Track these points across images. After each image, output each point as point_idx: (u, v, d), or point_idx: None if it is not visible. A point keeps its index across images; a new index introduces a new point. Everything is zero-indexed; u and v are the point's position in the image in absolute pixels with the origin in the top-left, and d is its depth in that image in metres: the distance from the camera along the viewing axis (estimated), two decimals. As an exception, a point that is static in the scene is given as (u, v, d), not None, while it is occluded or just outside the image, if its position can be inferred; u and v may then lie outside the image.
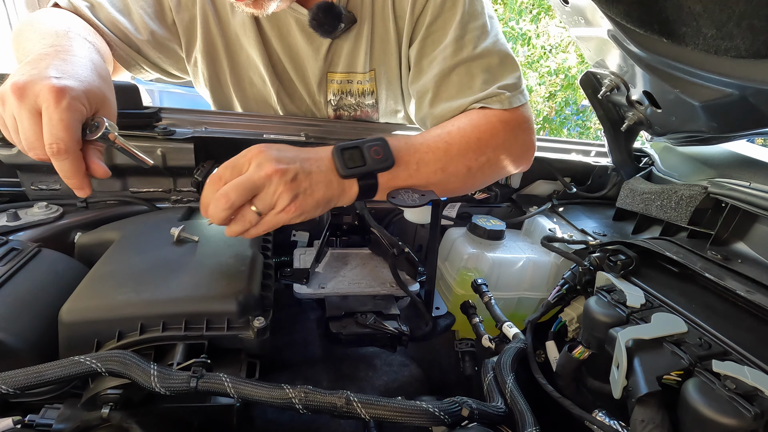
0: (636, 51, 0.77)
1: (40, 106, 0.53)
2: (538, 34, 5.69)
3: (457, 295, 0.89)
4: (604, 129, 1.07)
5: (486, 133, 0.79)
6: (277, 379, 0.63)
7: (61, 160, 0.54)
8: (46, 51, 0.61)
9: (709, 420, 0.47)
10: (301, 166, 0.62)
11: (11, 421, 0.47)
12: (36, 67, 0.56)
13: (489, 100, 0.82)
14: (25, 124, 0.53)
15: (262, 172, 0.59)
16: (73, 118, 0.54)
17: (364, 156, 0.68)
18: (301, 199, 0.62)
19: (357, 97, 1.07)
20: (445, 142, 0.76)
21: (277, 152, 0.61)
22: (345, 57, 1.01)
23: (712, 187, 0.80)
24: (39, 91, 0.53)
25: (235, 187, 0.57)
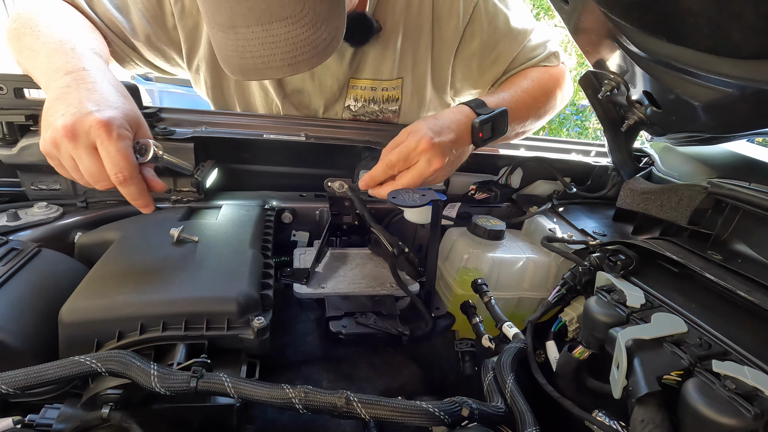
0: (636, 51, 0.77)
1: (94, 142, 0.57)
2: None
3: (457, 295, 0.89)
4: (604, 129, 1.07)
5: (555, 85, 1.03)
6: (277, 379, 0.63)
7: (127, 186, 0.59)
8: (66, 83, 0.63)
9: (709, 420, 0.47)
10: (456, 152, 0.78)
11: (11, 421, 0.47)
12: (70, 104, 0.59)
13: (547, 60, 1.05)
14: (86, 161, 0.58)
15: (432, 167, 0.73)
16: (126, 145, 0.59)
17: (494, 128, 0.82)
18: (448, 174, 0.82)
19: (381, 103, 1.09)
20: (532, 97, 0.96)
21: (440, 139, 0.74)
22: (371, 63, 1.02)
23: (712, 187, 0.80)
24: (89, 128, 0.56)
25: (412, 182, 0.74)
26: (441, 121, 0.78)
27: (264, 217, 0.85)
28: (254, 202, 0.90)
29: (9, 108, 0.78)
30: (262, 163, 0.98)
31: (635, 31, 0.74)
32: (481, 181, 1.07)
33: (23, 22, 0.76)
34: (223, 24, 0.66)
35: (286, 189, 0.99)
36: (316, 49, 0.69)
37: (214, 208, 0.86)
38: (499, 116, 0.82)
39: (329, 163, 1.01)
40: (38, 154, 0.79)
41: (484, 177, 1.08)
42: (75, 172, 0.60)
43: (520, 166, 1.09)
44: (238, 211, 0.84)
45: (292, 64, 0.68)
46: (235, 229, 0.76)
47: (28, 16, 0.77)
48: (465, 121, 0.80)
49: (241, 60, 0.68)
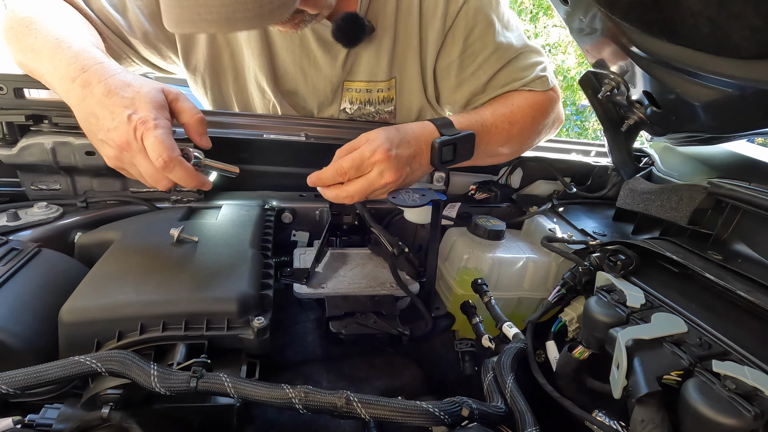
0: (636, 51, 0.77)
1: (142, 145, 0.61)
2: (537, 33, 5.69)
3: (457, 295, 0.89)
4: (604, 129, 1.07)
5: (538, 112, 0.95)
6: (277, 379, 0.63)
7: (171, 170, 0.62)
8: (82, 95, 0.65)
9: (709, 420, 0.47)
10: (410, 168, 0.74)
11: (11, 421, 0.47)
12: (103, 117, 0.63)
13: (533, 84, 0.96)
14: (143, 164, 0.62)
15: (383, 180, 0.71)
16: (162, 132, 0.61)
17: (456, 151, 0.79)
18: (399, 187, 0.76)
19: (377, 105, 1.08)
20: (509, 122, 0.90)
21: (397, 152, 0.71)
22: (365, 65, 1.02)
23: (712, 187, 0.80)
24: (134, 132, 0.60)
25: (360, 192, 0.71)
26: (402, 133, 0.75)
27: (264, 217, 0.85)
28: (254, 202, 0.90)
29: (9, 108, 0.78)
30: (262, 163, 0.98)
31: (635, 31, 0.74)
32: (481, 181, 1.07)
33: (19, 20, 0.75)
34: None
35: (286, 189, 0.99)
36: (261, 9, 0.65)
37: (214, 208, 0.86)
38: (463, 140, 0.79)
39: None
40: (38, 154, 0.79)
41: (484, 177, 1.08)
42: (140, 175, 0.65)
43: (520, 166, 1.09)
44: (238, 211, 0.84)
45: (229, 19, 0.65)
46: (235, 229, 0.76)
47: (23, 14, 0.75)
48: (427, 138, 0.77)
49: (180, 9, 0.65)
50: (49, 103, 0.80)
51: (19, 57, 0.75)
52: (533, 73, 0.96)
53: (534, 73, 0.96)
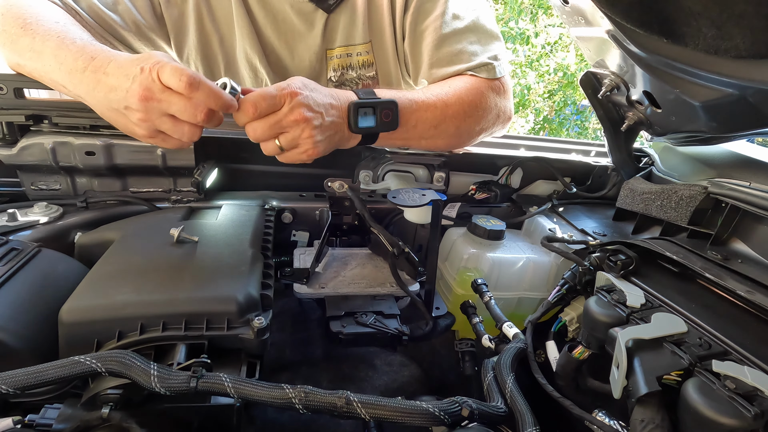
0: (636, 51, 0.77)
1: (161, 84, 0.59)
2: (537, 33, 5.69)
3: (457, 295, 0.89)
4: (604, 129, 1.07)
5: (477, 97, 0.90)
6: (277, 379, 0.63)
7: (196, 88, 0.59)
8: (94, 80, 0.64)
9: (709, 420, 0.47)
10: (325, 114, 0.70)
11: (11, 421, 0.47)
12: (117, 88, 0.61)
13: (478, 70, 0.93)
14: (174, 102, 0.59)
15: (292, 117, 0.66)
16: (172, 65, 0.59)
17: (376, 116, 0.76)
18: (320, 144, 0.70)
19: (358, 69, 1.09)
20: (443, 101, 0.86)
21: (310, 94, 0.68)
22: (342, 31, 1.03)
23: (712, 187, 0.80)
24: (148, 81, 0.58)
25: (266, 128, 0.66)
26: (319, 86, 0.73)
27: (264, 217, 0.85)
28: (254, 202, 0.90)
29: (9, 108, 0.78)
30: (262, 163, 0.98)
31: (635, 31, 0.74)
32: (481, 181, 1.07)
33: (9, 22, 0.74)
34: None
35: (286, 189, 0.99)
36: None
37: (214, 208, 0.86)
38: (382, 105, 0.75)
39: (329, 163, 1.01)
40: (38, 154, 0.79)
41: (484, 177, 1.08)
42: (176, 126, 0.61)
43: (520, 166, 1.09)
44: (238, 211, 0.84)
45: None
46: (235, 229, 0.76)
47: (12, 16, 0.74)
48: (345, 99, 0.74)
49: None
50: (49, 103, 0.80)
51: (15, 59, 0.74)
52: (480, 58, 0.93)
53: (481, 59, 0.93)
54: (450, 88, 0.88)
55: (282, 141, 0.68)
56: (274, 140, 0.68)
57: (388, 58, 1.07)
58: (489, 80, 0.93)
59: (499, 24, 5.50)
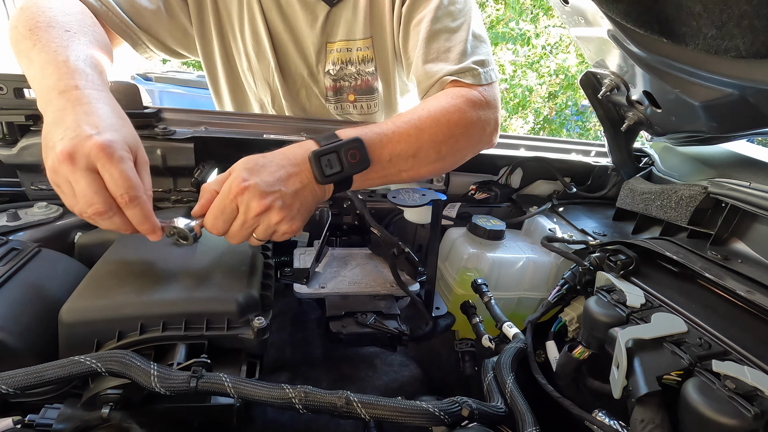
0: (636, 51, 0.77)
1: (93, 165, 0.55)
2: (538, 34, 5.69)
3: (457, 295, 0.89)
4: (604, 129, 1.07)
5: (455, 115, 0.81)
6: (277, 379, 0.63)
7: (132, 207, 0.56)
8: (61, 105, 0.59)
9: (709, 420, 0.47)
10: (285, 190, 0.64)
11: (11, 421, 0.47)
12: (67, 128, 0.56)
13: (463, 75, 0.86)
14: (82, 183, 0.55)
15: (252, 213, 0.62)
16: (128, 167, 0.56)
17: (341, 160, 0.68)
18: (298, 217, 0.66)
19: (357, 65, 1.09)
20: (416, 127, 0.77)
21: (257, 180, 0.62)
22: (343, 25, 1.03)
23: (712, 187, 0.80)
24: (89, 151, 0.54)
25: (238, 234, 0.63)
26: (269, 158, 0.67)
27: (264, 217, 0.85)
28: (254, 202, 0.90)
29: (9, 108, 0.78)
30: (262, 163, 0.98)
31: (635, 31, 0.74)
32: (481, 181, 1.07)
33: (23, 21, 0.73)
34: None
35: (286, 189, 0.99)
36: None
37: (214, 208, 0.86)
38: (346, 146, 0.69)
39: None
40: (38, 154, 0.78)
41: (484, 177, 1.08)
42: (72, 198, 0.57)
43: (520, 166, 1.09)
44: (238, 211, 0.84)
45: None
46: (235, 229, 0.75)
47: (28, 14, 0.74)
48: (302, 154, 0.68)
49: None
50: (49, 103, 0.80)
51: (18, 60, 0.74)
52: (466, 62, 0.88)
53: (467, 63, 0.87)
54: (423, 111, 0.80)
55: (258, 235, 0.64)
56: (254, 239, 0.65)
57: (387, 54, 1.08)
58: (469, 93, 0.85)
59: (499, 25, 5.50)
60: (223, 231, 0.63)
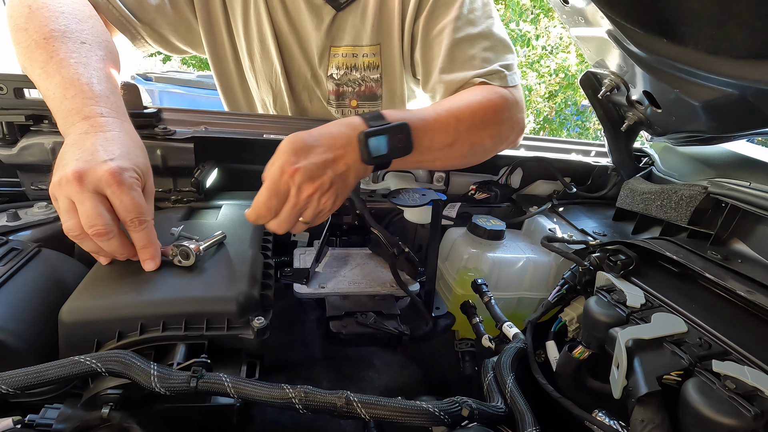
0: (636, 51, 0.77)
1: (102, 190, 0.57)
2: (538, 35, 5.69)
3: (457, 295, 0.89)
4: (604, 129, 1.07)
5: (490, 110, 0.85)
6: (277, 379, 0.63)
7: (141, 230, 0.59)
8: (84, 129, 0.62)
9: (709, 420, 0.47)
10: (333, 173, 0.66)
11: (11, 421, 0.47)
12: (84, 150, 0.59)
13: (491, 77, 0.89)
14: (87, 205, 0.56)
15: (304, 195, 0.64)
16: (137, 194, 0.59)
17: (388, 143, 0.70)
18: (341, 197, 0.69)
19: (362, 71, 1.08)
20: (455, 118, 0.80)
21: (306, 163, 0.64)
22: (350, 30, 1.03)
23: (712, 187, 0.80)
24: (101, 176, 0.56)
25: (287, 218, 0.65)
26: (315, 137, 0.67)
27: (264, 217, 0.85)
28: (254, 202, 0.90)
29: (9, 108, 0.78)
30: (262, 163, 0.96)
31: (635, 31, 0.74)
32: (481, 181, 1.07)
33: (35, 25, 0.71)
34: None
35: (286, 189, 0.99)
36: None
37: (214, 208, 0.86)
38: (394, 130, 0.70)
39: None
40: (38, 154, 0.79)
41: (484, 177, 1.08)
42: (67, 213, 0.57)
43: (520, 166, 1.09)
44: (238, 211, 0.84)
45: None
46: (235, 229, 0.76)
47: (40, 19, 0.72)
48: (348, 134, 0.68)
49: None
50: (49, 103, 0.80)
51: (25, 63, 0.72)
52: (492, 66, 0.90)
53: (493, 66, 0.90)
54: (461, 102, 0.83)
55: (305, 217, 0.67)
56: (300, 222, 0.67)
57: (394, 61, 1.07)
58: (501, 91, 0.88)
59: (499, 25, 5.49)
60: (275, 213, 0.65)
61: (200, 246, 0.64)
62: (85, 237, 0.58)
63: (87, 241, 0.58)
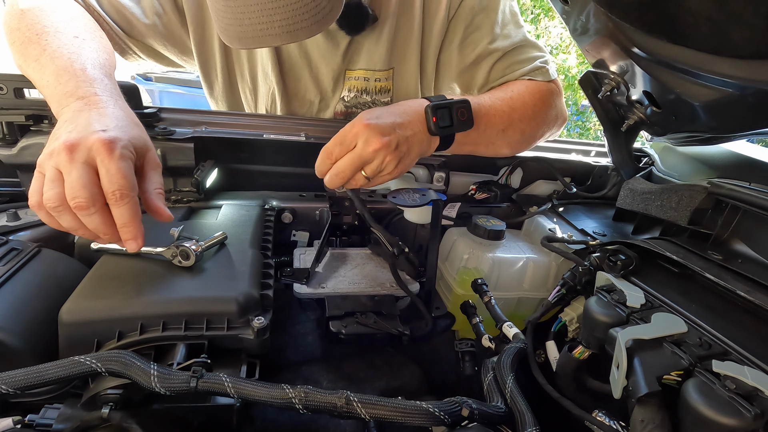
0: (636, 51, 0.77)
1: (93, 159, 0.55)
2: (538, 35, 5.69)
3: (457, 295, 0.89)
4: (604, 129, 1.07)
5: (540, 100, 0.93)
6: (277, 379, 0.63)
7: (121, 205, 0.55)
8: (78, 107, 0.61)
9: (709, 420, 0.47)
10: (401, 134, 0.72)
11: (11, 421, 0.47)
12: (78, 124, 0.57)
13: (534, 74, 0.96)
14: (74, 174, 0.53)
15: (370, 148, 0.68)
16: (127, 166, 0.56)
17: (452, 116, 0.77)
18: (403, 161, 0.73)
19: (374, 95, 1.09)
20: (509, 106, 0.88)
21: (377, 121, 0.70)
22: (365, 54, 1.03)
23: (712, 187, 0.80)
24: (91, 144, 0.55)
25: (349, 165, 0.69)
26: (387, 108, 0.75)
27: (264, 217, 0.85)
28: (254, 202, 0.90)
29: (9, 108, 0.78)
30: (262, 163, 0.98)
31: (635, 31, 0.74)
32: (481, 181, 1.07)
33: (27, 24, 0.73)
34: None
35: (286, 189, 0.99)
36: (315, 17, 0.69)
37: (214, 208, 0.86)
38: (457, 104, 0.78)
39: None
40: (38, 154, 0.78)
41: (484, 177, 1.08)
42: (51, 182, 0.54)
43: (520, 166, 1.09)
44: (238, 211, 0.84)
45: (291, 31, 0.69)
46: (235, 229, 0.76)
47: (32, 18, 0.73)
48: (417, 107, 0.76)
49: (240, 27, 0.69)
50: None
51: (21, 62, 0.73)
52: (532, 64, 0.96)
53: (533, 64, 0.96)
54: (513, 92, 0.90)
55: (367, 172, 0.71)
56: (359, 173, 0.71)
57: (407, 86, 1.08)
58: (545, 83, 0.95)
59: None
60: (335, 159, 0.70)
61: (200, 246, 0.64)
62: (65, 210, 0.54)
63: (66, 214, 0.54)
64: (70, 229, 0.56)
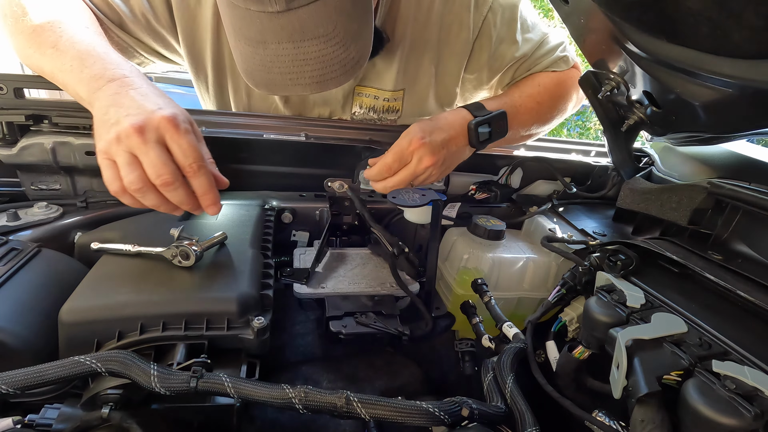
0: (636, 51, 0.77)
1: (162, 137, 0.58)
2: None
3: (457, 295, 0.89)
4: (604, 129, 1.07)
5: (563, 91, 1.02)
6: (277, 379, 0.63)
7: (200, 176, 0.59)
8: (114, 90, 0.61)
9: (709, 420, 0.47)
10: (448, 150, 0.81)
11: (11, 421, 0.47)
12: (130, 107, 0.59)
13: (556, 65, 1.03)
14: (151, 155, 0.56)
15: (423, 165, 0.78)
16: (193, 138, 0.60)
17: (491, 129, 0.85)
18: (446, 172, 0.86)
19: (381, 113, 1.10)
20: (537, 102, 0.97)
21: (430, 138, 0.78)
22: (376, 75, 1.03)
23: (712, 187, 0.80)
24: (158, 124, 0.57)
25: (405, 180, 0.80)
26: (435, 122, 0.82)
27: (264, 217, 0.85)
28: (254, 202, 0.90)
29: (9, 108, 0.78)
30: (262, 163, 0.98)
31: (635, 31, 0.74)
32: (481, 181, 1.07)
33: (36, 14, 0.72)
34: (252, 39, 0.66)
35: (286, 189, 0.99)
36: (344, 67, 0.70)
37: (214, 208, 0.86)
38: (496, 118, 0.85)
39: (329, 163, 1.01)
40: (38, 154, 0.79)
41: (484, 177, 1.08)
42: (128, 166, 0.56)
43: (520, 166, 1.09)
44: (238, 211, 0.84)
45: (320, 81, 0.70)
46: (235, 229, 0.76)
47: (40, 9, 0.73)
48: (460, 122, 0.83)
49: (268, 75, 0.69)
50: (49, 103, 0.80)
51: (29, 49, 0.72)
52: (554, 55, 1.02)
53: (555, 55, 1.02)
54: (540, 87, 0.98)
55: (415, 183, 0.81)
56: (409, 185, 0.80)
57: (417, 106, 1.09)
58: (567, 71, 1.03)
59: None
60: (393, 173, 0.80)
61: (200, 246, 0.64)
62: (149, 189, 0.57)
63: (150, 193, 0.57)
64: (153, 205, 0.59)
